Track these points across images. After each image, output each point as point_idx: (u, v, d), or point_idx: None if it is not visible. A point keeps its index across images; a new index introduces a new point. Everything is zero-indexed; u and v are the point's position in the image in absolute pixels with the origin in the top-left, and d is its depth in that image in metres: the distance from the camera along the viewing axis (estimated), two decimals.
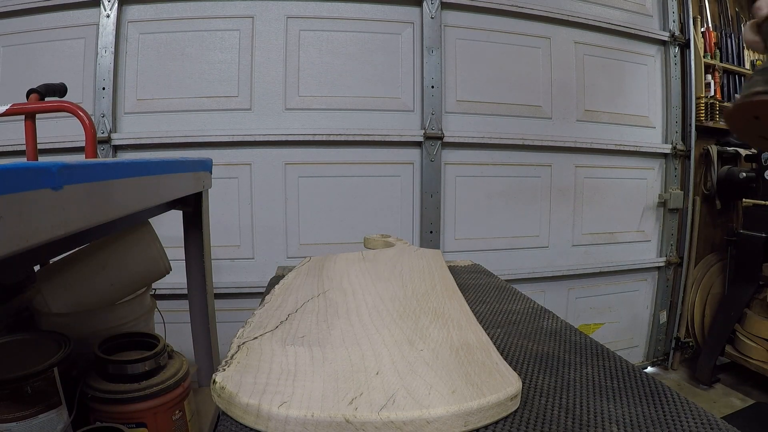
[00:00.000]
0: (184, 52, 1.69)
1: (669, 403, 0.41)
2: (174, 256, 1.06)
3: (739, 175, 2.21)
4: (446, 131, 1.81)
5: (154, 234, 1.02)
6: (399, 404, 0.34)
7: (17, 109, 1.15)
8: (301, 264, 0.76)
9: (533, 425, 0.37)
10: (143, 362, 0.80)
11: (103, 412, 0.77)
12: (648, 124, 2.14)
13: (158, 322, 1.08)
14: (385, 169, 1.83)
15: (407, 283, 0.63)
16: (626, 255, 2.17)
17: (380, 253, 0.81)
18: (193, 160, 0.93)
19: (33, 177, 0.37)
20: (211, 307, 1.08)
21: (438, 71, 1.80)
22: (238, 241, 1.76)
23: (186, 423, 0.86)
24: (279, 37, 1.73)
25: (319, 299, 0.57)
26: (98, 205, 0.49)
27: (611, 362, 0.49)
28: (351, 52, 1.78)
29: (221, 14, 1.70)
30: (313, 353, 0.42)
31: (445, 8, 1.81)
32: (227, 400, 0.36)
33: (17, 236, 0.35)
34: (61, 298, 0.89)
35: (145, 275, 1.00)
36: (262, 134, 1.71)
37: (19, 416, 0.65)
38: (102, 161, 0.59)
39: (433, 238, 1.84)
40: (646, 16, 2.11)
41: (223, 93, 1.72)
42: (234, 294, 1.74)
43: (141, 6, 1.67)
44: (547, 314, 0.63)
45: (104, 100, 1.63)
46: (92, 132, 1.15)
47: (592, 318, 2.15)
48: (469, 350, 0.43)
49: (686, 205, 2.24)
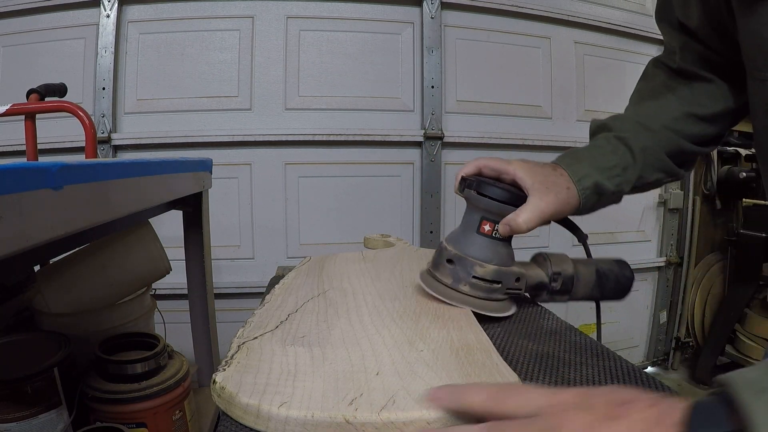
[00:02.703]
0: (184, 52, 1.69)
1: None
2: (174, 256, 1.05)
3: (739, 175, 2.20)
4: (446, 131, 1.81)
5: (154, 234, 1.02)
6: (399, 405, 0.34)
7: (17, 109, 1.15)
8: (301, 264, 0.76)
9: None
10: (143, 362, 0.80)
11: (103, 412, 0.77)
12: None
13: (158, 322, 1.08)
14: (385, 169, 1.83)
15: (407, 283, 0.63)
16: (626, 255, 2.14)
17: (380, 253, 0.81)
18: (193, 160, 0.93)
19: (33, 177, 0.37)
20: (211, 307, 1.08)
21: (438, 71, 1.80)
22: (238, 241, 1.76)
23: (186, 423, 0.86)
24: (279, 37, 1.73)
25: (319, 299, 0.57)
26: (98, 205, 0.49)
27: (611, 362, 0.49)
28: (351, 52, 1.78)
29: (221, 14, 1.70)
30: (313, 353, 0.42)
31: (445, 8, 1.81)
32: (227, 400, 0.36)
33: (17, 236, 0.35)
34: (61, 298, 0.89)
35: (145, 275, 1.00)
36: (262, 134, 1.71)
37: (19, 416, 0.65)
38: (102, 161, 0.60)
39: (433, 238, 1.84)
40: (646, 16, 2.11)
41: (223, 93, 1.72)
42: (234, 294, 1.74)
43: (141, 6, 1.67)
44: (547, 314, 0.63)
45: (104, 100, 1.63)
46: (92, 132, 1.15)
47: (592, 318, 2.15)
48: (469, 351, 0.43)
49: (686, 205, 2.24)
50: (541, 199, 0.53)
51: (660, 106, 0.61)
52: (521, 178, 0.53)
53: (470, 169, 0.56)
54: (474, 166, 0.56)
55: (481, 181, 0.54)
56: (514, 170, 0.54)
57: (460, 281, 0.54)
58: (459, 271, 0.54)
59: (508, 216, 0.53)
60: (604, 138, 0.61)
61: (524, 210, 0.52)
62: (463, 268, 0.54)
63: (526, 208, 0.52)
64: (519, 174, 0.53)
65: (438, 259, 0.56)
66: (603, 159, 0.58)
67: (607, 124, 0.63)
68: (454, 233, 0.57)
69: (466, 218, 0.56)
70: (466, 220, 0.55)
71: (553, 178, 0.55)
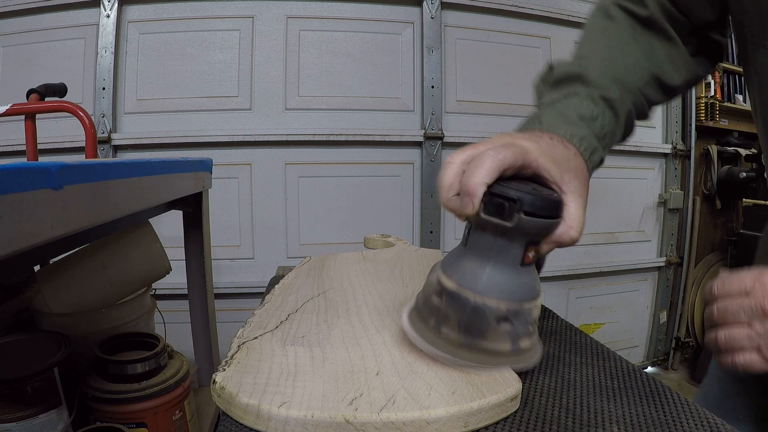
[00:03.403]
0: (184, 52, 1.69)
1: (669, 403, 0.41)
2: (174, 256, 1.05)
3: (739, 175, 2.20)
4: (446, 131, 1.81)
5: (155, 234, 1.02)
6: (399, 405, 0.34)
7: (17, 109, 1.15)
8: (301, 264, 0.76)
9: (533, 425, 0.37)
10: (143, 362, 0.80)
11: (103, 412, 0.77)
12: (648, 123, 2.14)
13: (158, 322, 1.08)
14: (385, 169, 1.82)
15: (407, 283, 0.63)
16: (626, 255, 2.17)
17: (380, 253, 0.81)
18: (193, 160, 0.93)
19: (33, 177, 0.37)
20: (211, 307, 1.08)
21: (438, 71, 1.80)
22: (238, 241, 1.76)
23: (186, 423, 0.86)
24: (279, 37, 1.73)
25: (319, 299, 0.57)
26: (98, 205, 0.49)
27: (612, 362, 0.49)
28: (351, 52, 1.78)
29: (221, 14, 1.70)
30: (313, 353, 0.42)
31: (445, 8, 1.81)
32: (227, 400, 0.36)
33: (17, 236, 0.35)
34: (61, 298, 0.89)
35: (145, 275, 1.00)
36: (262, 134, 1.71)
37: (19, 416, 0.65)
38: (102, 161, 0.60)
39: (433, 238, 1.84)
40: None
41: (223, 93, 1.72)
42: (234, 294, 1.74)
43: (141, 6, 1.67)
44: (547, 314, 0.63)
45: (104, 100, 1.63)
46: (92, 132, 1.15)
47: (592, 318, 2.15)
48: None
49: (686, 205, 2.24)
50: (580, 194, 0.40)
51: (634, 64, 0.51)
52: (547, 169, 0.38)
53: (489, 173, 0.36)
54: (493, 167, 0.36)
55: (521, 193, 0.36)
56: (536, 160, 0.38)
57: (519, 339, 0.39)
58: (518, 327, 0.38)
59: (559, 230, 0.38)
60: (588, 98, 0.47)
61: (573, 216, 0.39)
62: (522, 322, 0.38)
63: (575, 214, 0.39)
64: (544, 164, 0.38)
65: (479, 323, 0.37)
66: (597, 125, 0.47)
67: (582, 76, 0.49)
68: (477, 274, 0.38)
69: (496, 249, 0.38)
70: (498, 251, 0.38)
71: (571, 160, 0.42)
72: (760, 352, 0.36)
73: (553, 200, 0.38)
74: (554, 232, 0.38)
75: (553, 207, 0.38)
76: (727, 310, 0.38)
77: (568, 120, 0.45)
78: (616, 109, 0.48)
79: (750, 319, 0.37)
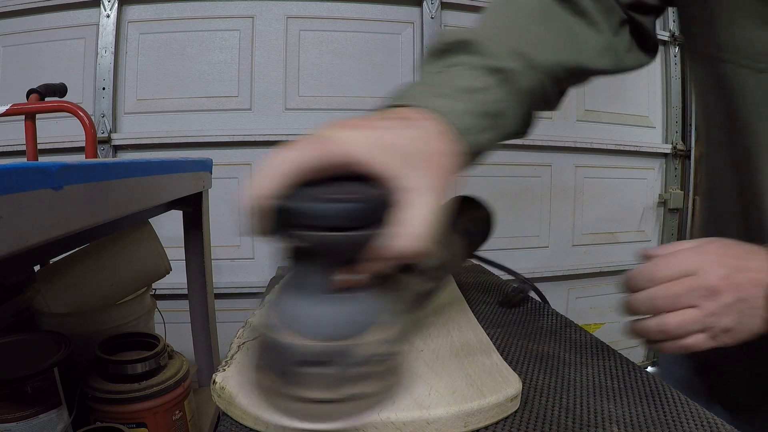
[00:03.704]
0: (184, 52, 1.69)
1: (669, 403, 0.41)
2: (174, 256, 1.05)
3: None
4: None
5: (155, 234, 1.02)
6: (399, 405, 0.34)
7: (17, 109, 1.15)
8: None
9: (533, 425, 0.37)
10: (143, 362, 0.80)
11: (103, 412, 0.77)
12: (648, 123, 2.14)
13: (158, 322, 1.08)
14: None
15: None
16: (626, 255, 2.16)
17: None
18: (193, 160, 0.93)
19: (33, 177, 0.37)
20: (211, 307, 1.08)
21: None
22: (238, 241, 1.76)
23: (186, 423, 0.86)
24: (279, 37, 1.73)
25: None
26: (98, 205, 0.49)
27: (612, 361, 0.49)
28: (351, 52, 1.78)
29: (221, 14, 1.70)
30: None
31: (445, 8, 1.81)
32: (227, 400, 0.36)
33: (17, 236, 0.35)
34: (61, 298, 0.89)
35: (145, 275, 1.00)
36: (262, 134, 1.71)
37: (19, 416, 0.65)
38: (102, 161, 0.60)
39: None
40: None
41: (223, 93, 1.72)
42: (234, 294, 1.74)
43: (141, 6, 1.67)
44: (547, 313, 0.63)
45: (104, 100, 1.63)
46: (92, 132, 1.15)
47: (592, 318, 2.15)
48: (469, 350, 0.43)
49: (686, 205, 2.24)
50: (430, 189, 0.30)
51: (541, 39, 0.43)
52: (377, 162, 0.29)
53: (274, 181, 0.28)
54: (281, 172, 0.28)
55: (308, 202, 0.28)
56: (355, 153, 0.29)
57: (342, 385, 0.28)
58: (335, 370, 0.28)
59: (382, 242, 0.28)
60: (475, 68, 0.39)
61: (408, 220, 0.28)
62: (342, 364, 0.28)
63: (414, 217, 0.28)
64: (371, 157, 0.29)
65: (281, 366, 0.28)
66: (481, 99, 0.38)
67: (472, 43, 0.40)
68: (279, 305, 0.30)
69: (297, 275, 0.30)
70: (298, 277, 0.30)
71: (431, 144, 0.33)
72: (706, 332, 0.36)
73: (361, 207, 0.28)
74: (371, 246, 0.28)
75: (364, 214, 0.28)
76: (675, 295, 0.36)
77: (440, 92, 0.37)
78: (513, 83, 0.40)
79: (700, 301, 0.35)
